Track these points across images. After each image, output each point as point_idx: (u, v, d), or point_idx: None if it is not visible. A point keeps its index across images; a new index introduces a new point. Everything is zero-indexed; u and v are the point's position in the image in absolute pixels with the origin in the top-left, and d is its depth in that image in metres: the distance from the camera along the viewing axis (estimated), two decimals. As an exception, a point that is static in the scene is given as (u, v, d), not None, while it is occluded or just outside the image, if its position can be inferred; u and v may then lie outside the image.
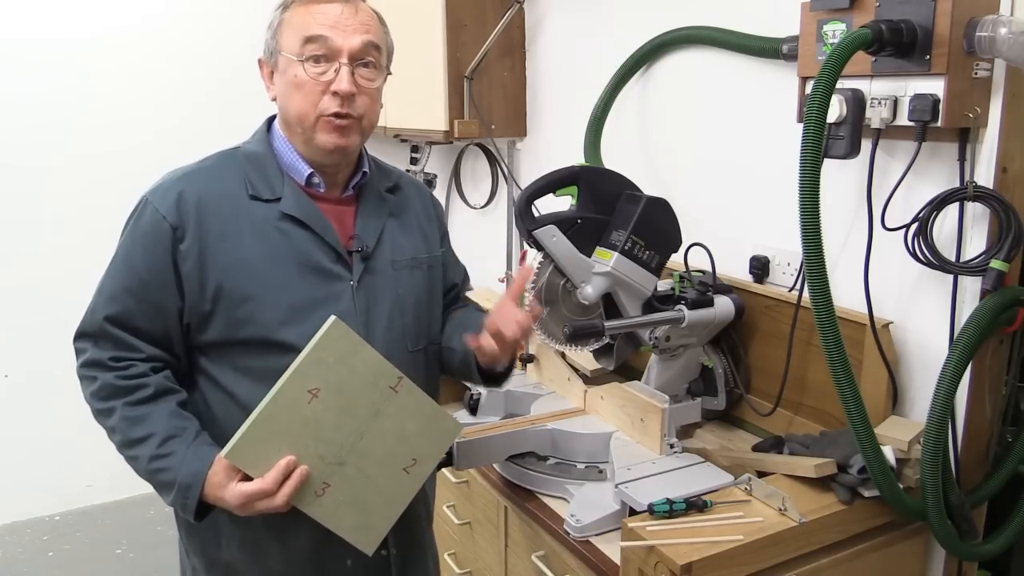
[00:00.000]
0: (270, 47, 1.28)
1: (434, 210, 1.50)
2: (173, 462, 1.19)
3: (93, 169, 3.10)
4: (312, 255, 1.27)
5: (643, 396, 1.55)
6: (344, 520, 1.20)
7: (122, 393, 1.23)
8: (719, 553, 1.17)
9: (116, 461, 1.26)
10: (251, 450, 1.13)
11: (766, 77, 1.70)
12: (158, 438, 1.20)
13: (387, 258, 1.35)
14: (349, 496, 1.19)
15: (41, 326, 3.09)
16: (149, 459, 1.20)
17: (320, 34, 1.22)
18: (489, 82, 2.46)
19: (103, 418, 1.25)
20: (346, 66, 1.23)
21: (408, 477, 1.24)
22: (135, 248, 1.24)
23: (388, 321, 1.33)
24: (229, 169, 1.28)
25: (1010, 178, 1.33)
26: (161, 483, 1.21)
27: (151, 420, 1.22)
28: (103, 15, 3.06)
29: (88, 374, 1.26)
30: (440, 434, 1.27)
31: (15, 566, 2.93)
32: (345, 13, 1.24)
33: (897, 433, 1.36)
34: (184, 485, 1.18)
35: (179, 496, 1.19)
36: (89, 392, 1.26)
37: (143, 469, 1.22)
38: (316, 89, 1.23)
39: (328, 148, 1.26)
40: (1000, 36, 1.21)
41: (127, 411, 1.22)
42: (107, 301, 1.25)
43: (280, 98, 1.29)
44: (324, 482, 1.17)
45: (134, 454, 1.22)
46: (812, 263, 1.17)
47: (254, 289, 1.23)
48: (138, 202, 1.27)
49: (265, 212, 1.25)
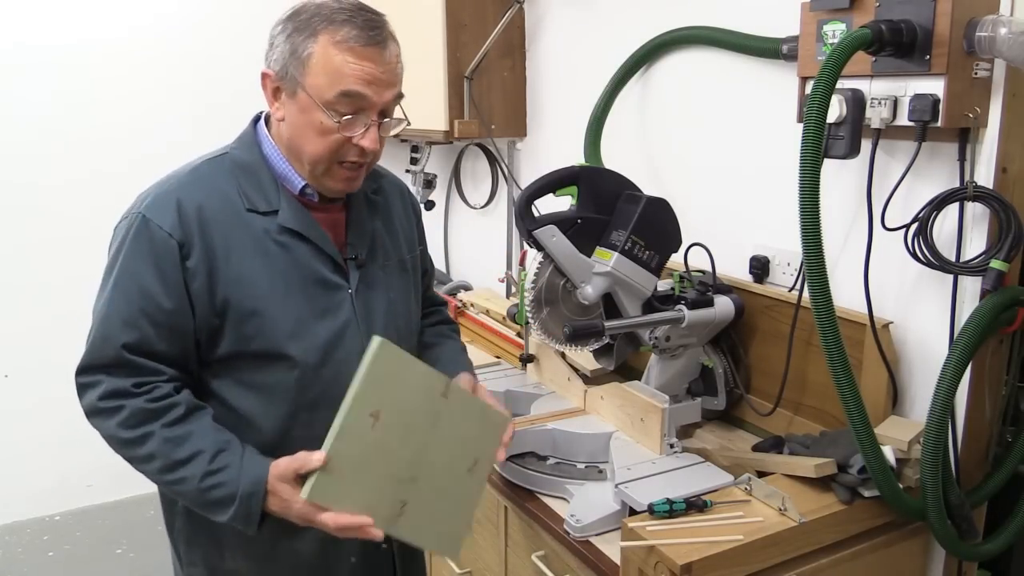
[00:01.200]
0: (288, 72, 1.19)
1: (412, 208, 1.51)
2: (230, 475, 1.15)
3: (93, 169, 3.11)
4: (313, 267, 1.26)
5: (643, 396, 1.55)
6: (427, 534, 1.19)
7: (156, 416, 1.17)
8: (719, 553, 1.17)
9: (116, 461, 1.24)
10: (330, 487, 1.10)
11: (766, 77, 1.70)
12: (208, 454, 1.16)
13: (378, 262, 1.35)
14: (426, 510, 1.18)
15: (41, 326, 3.09)
16: (202, 477, 1.15)
17: (359, 91, 1.17)
18: (489, 82, 2.46)
19: (136, 447, 1.18)
20: (375, 124, 1.21)
21: (472, 478, 1.24)
22: (143, 268, 1.18)
23: (385, 325, 1.33)
24: (221, 178, 1.24)
25: (1010, 178, 1.33)
26: (217, 500, 1.16)
27: (194, 438, 1.17)
28: (103, 21, 3.06)
29: (110, 405, 1.18)
30: (493, 428, 1.28)
31: (15, 566, 2.93)
32: (381, 65, 1.18)
33: (897, 433, 1.36)
34: (247, 495, 1.14)
35: (241, 508, 1.14)
36: (115, 423, 1.18)
37: (193, 489, 1.16)
38: (340, 139, 1.20)
39: (335, 191, 1.27)
40: (1000, 36, 1.21)
41: (166, 432, 1.17)
42: (122, 328, 1.18)
43: (292, 130, 1.22)
44: (401, 501, 1.15)
45: (180, 476, 1.16)
46: (812, 263, 1.17)
47: (260, 303, 1.21)
48: (131, 218, 1.21)
49: (264, 224, 1.23)
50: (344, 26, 1.16)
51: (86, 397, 1.21)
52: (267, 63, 1.23)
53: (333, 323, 1.27)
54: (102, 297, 1.21)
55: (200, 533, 1.32)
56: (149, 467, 1.19)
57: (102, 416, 1.19)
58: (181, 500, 1.25)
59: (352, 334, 1.28)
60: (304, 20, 1.18)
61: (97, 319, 1.21)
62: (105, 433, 1.20)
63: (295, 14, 1.20)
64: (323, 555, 1.33)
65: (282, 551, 1.31)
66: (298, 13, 1.20)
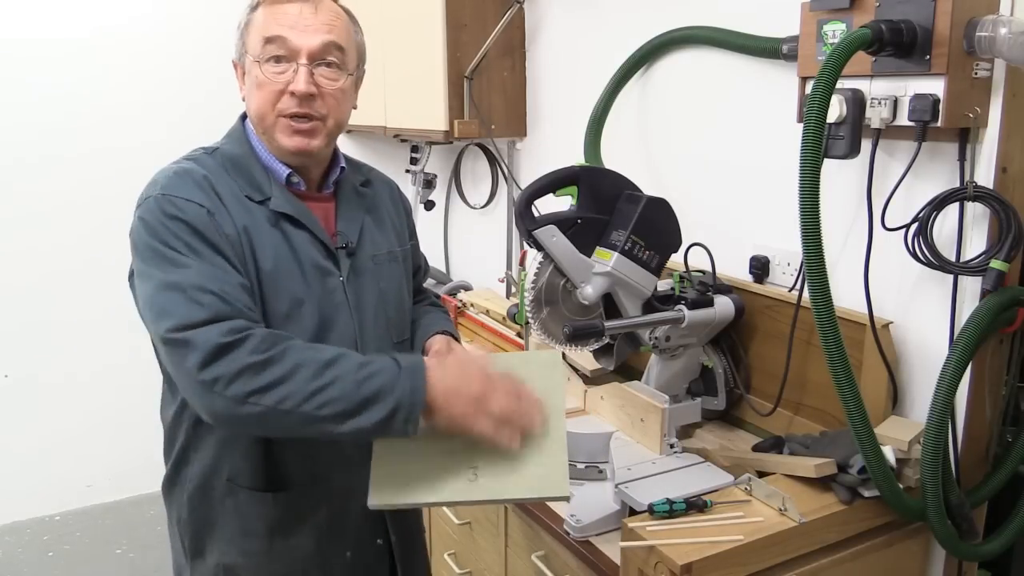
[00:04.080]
0: (239, 49, 1.29)
1: (402, 204, 1.53)
2: (385, 362, 1.11)
3: (93, 169, 3.11)
4: (308, 252, 1.27)
5: (643, 396, 1.55)
6: (517, 485, 1.17)
7: (285, 337, 1.12)
8: (719, 553, 1.17)
9: (116, 461, 1.24)
10: (389, 485, 1.14)
11: (766, 77, 1.70)
12: (353, 353, 1.13)
13: (368, 253, 1.37)
14: (503, 463, 1.17)
15: (41, 326, 3.10)
16: (357, 368, 1.09)
17: (278, 34, 1.22)
18: (489, 82, 2.46)
19: (277, 365, 1.07)
20: (304, 67, 1.22)
21: (546, 415, 1.21)
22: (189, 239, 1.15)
23: (375, 315, 1.35)
24: (217, 168, 1.27)
25: (1010, 178, 1.33)
26: (379, 388, 1.08)
27: (332, 347, 1.14)
28: (100, 15, 3.06)
29: (236, 338, 1.07)
30: (545, 368, 1.27)
31: (15, 566, 2.93)
32: (305, 12, 1.23)
33: (897, 433, 1.36)
34: (409, 369, 1.10)
35: (406, 383, 1.08)
36: (247, 351, 1.07)
37: (350, 383, 1.08)
38: (274, 89, 1.23)
39: (289, 149, 1.26)
40: (1000, 36, 1.21)
41: (303, 344, 1.12)
42: (209, 282, 1.11)
43: (247, 99, 1.29)
44: (471, 468, 1.16)
45: (333, 376, 1.08)
46: (812, 263, 1.17)
47: (264, 282, 1.22)
48: (148, 204, 1.19)
49: (262, 212, 1.25)
50: None
51: (199, 345, 1.07)
52: None
53: (326, 308, 1.28)
54: (155, 278, 1.13)
55: (204, 526, 1.32)
56: (294, 383, 1.07)
57: (227, 352, 1.07)
58: (327, 418, 1.08)
59: (344, 320, 1.30)
60: (249, 4, 1.27)
61: (175, 285, 1.11)
62: (234, 370, 1.06)
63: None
64: (319, 551, 1.33)
65: (278, 547, 1.31)
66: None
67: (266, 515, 1.29)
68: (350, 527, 1.35)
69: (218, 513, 1.31)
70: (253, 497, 1.29)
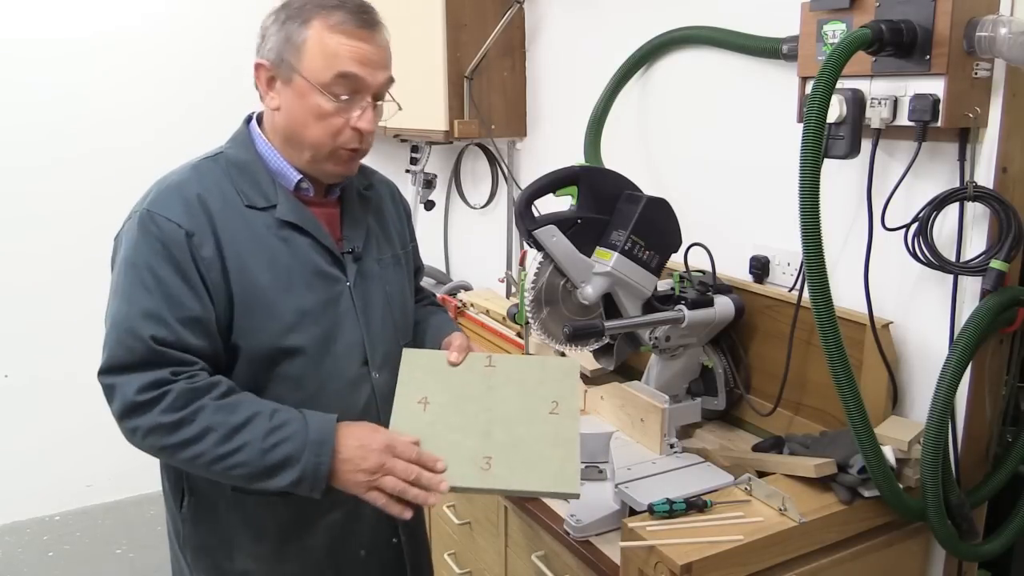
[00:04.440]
0: (283, 59, 1.21)
1: (402, 205, 1.53)
2: (295, 427, 1.14)
3: (93, 170, 3.11)
4: (313, 260, 1.27)
5: (643, 396, 1.55)
6: (529, 477, 1.21)
7: (203, 392, 1.14)
8: (719, 553, 1.17)
9: (116, 461, 1.24)
10: None
11: (766, 77, 1.70)
12: (265, 414, 1.15)
13: (373, 257, 1.37)
14: (516, 456, 1.22)
15: (41, 326, 3.10)
16: (264, 435, 1.13)
17: (354, 72, 1.19)
18: (489, 82, 2.46)
19: (187, 427, 1.12)
20: (371, 105, 1.23)
21: (560, 417, 1.26)
22: (157, 262, 1.16)
23: (382, 319, 1.35)
24: (219, 175, 1.25)
25: (1010, 178, 1.33)
26: (283, 459, 1.12)
27: (247, 404, 1.16)
28: (101, 16, 3.06)
29: (150, 396, 1.12)
30: (561, 372, 1.30)
31: (15, 566, 2.93)
32: (374, 47, 1.21)
33: (897, 433, 1.36)
34: (316, 442, 1.13)
35: (310, 459, 1.12)
36: (160, 410, 1.12)
37: (256, 452, 1.12)
38: (339, 123, 1.22)
39: (336, 175, 1.29)
40: (1000, 36, 1.21)
41: (218, 403, 1.14)
42: (147, 322, 1.14)
43: (288, 117, 1.23)
44: (484, 456, 1.21)
45: (240, 442, 1.12)
46: (812, 263, 1.17)
47: (262, 297, 1.22)
48: (134, 218, 1.20)
49: (263, 220, 1.24)
50: (336, 11, 1.19)
51: (118, 396, 1.13)
52: (260, 54, 1.24)
53: (333, 316, 1.28)
54: (117, 298, 1.17)
55: (209, 538, 1.31)
56: (203, 445, 1.12)
57: (141, 410, 1.12)
58: (235, 477, 1.15)
59: (351, 326, 1.30)
60: (296, 8, 1.21)
61: (116, 319, 1.16)
62: (147, 426, 1.12)
63: (287, 4, 1.23)
64: (332, 550, 1.33)
65: (292, 549, 1.31)
66: (289, 3, 1.23)
67: (277, 519, 1.29)
68: (364, 526, 1.35)
69: (224, 525, 1.30)
70: (262, 503, 1.28)
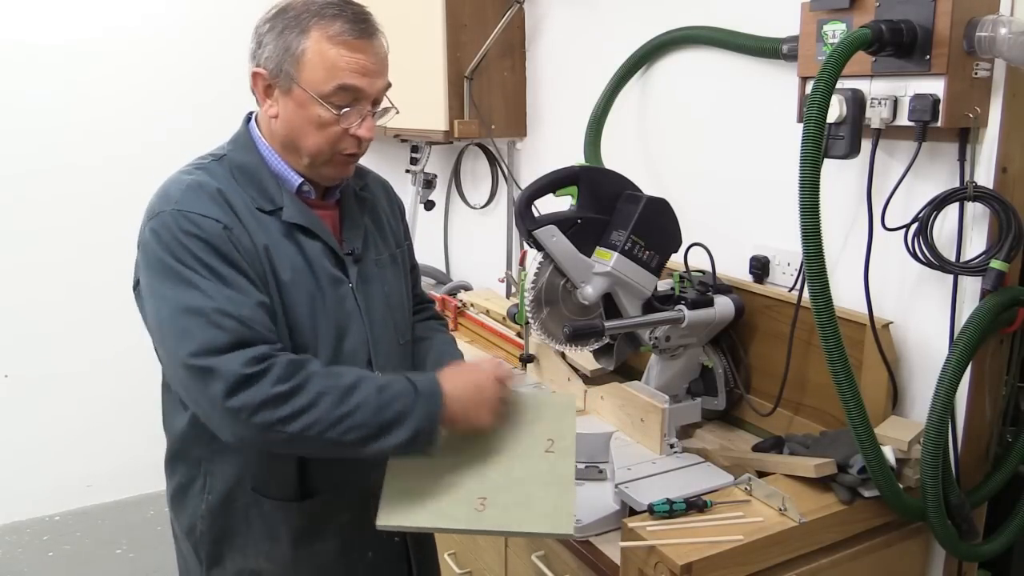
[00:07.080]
0: (282, 69, 1.20)
1: (397, 203, 1.53)
2: (401, 384, 1.16)
3: (93, 170, 3.11)
4: (320, 261, 1.27)
5: (643, 396, 1.55)
6: (524, 518, 1.20)
7: (307, 362, 1.14)
8: (719, 553, 1.17)
9: (116, 461, 1.24)
10: (399, 507, 1.19)
11: (766, 77, 1.70)
12: (370, 376, 1.18)
13: (372, 257, 1.37)
14: (511, 497, 1.21)
15: (41, 326, 3.09)
16: (377, 392, 1.14)
17: (354, 84, 1.19)
18: (489, 82, 2.46)
19: (300, 395, 1.10)
20: (370, 113, 1.24)
21: (556, 455, 1.26)
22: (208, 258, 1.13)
23: (384, 319, 1.35)
24: (227, 177, 1.24)
25: (1010, 178, 1.33)
26: (398, 414, 1.14)
27: (347, 369, 1.18)
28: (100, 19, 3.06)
29: (259, 368, 1.09)
30: (559, 410, 1.30)
31: (15, 566, 2.93)
32: (372, 57, 1.21)
33: (897, 433, 1.36)
34: (427, 394, 1.16)
35: (423, 407, 1.15)
36: (270, 382, 1.08)
37: (371, 410, 1.12)
38: (338, 131, 1.22)
39: (334, 178, 1.30)
40: (1000, 36, 1.21)
41: (324, 370, 1.15)
42: (231, 304, 1.11)
43: (288, 125, 1.23)
44: (479, 498, 1.20)
45: (355, 403, 1.12)
46: (812, 263, 1.17)
47: (285, 295, 1.22)
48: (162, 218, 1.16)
49: (272, 224, 1.24)
50: (335, 21, 1.19)
51: (221, 374, 1.08)
52: (256, 61, 1.23)
53: (339, 317, 1.28)
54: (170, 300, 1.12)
55: (224, 533, 1.31)
56: (318, 411, 1.10)
57: (250, 383, 1.08)
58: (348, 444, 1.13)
59: (357, 328, 1.30)
60: (293, 17, 1.20)
61: (192, 308, 1.11)
62: (258, 400, 1.08)
63: (282, 12, 1.21)
64: (343, 553, 1.34)
65: (303, 554, 1.31)
66: (285, 10, 1.21)
67: (291, 524, 1.30)
68: (372, 528, 1.35)
69: (241, 522, 1.30)
70: (278, 507, 1.29)
